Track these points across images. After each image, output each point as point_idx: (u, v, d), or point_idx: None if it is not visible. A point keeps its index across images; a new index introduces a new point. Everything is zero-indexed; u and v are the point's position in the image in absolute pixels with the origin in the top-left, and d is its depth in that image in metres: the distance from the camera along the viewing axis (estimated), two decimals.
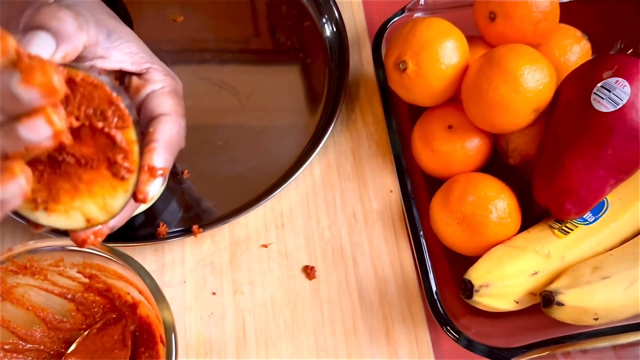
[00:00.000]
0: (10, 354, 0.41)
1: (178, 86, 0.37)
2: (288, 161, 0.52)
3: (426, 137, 0.48)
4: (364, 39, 0.59)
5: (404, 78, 0.46)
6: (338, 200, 0.51)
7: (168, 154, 0.32)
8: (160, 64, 0.37)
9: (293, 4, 0.60)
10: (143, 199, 0.30)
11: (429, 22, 0.46)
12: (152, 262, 0.48)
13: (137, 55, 0.35)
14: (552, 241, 0.42)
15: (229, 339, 0.45)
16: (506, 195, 0.44)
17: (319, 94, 0.56)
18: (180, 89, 0.37)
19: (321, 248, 0.49)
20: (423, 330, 0.45)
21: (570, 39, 0.49)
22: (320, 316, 0.46)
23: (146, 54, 0.36)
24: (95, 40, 0.32)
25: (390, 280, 0.47)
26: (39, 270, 0.39)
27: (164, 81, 0.35)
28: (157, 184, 0.30)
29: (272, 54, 0.59)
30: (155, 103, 0.34)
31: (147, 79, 0.35)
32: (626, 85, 0.39)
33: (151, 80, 0.35)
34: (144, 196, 0.30)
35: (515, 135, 0.46)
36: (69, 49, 0.30)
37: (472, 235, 0.43)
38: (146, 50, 0.36)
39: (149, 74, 0.35)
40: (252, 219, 0.50)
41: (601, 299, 0.39)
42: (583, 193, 0.41)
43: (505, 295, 0.41)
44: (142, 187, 0.30)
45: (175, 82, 0.37)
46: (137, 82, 0.35)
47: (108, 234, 0.32)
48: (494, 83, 0.42)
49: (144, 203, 0.30)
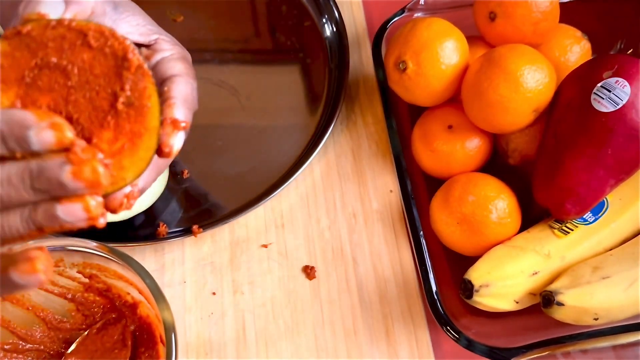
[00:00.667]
0: (10, 354, 0.41)
1: (187, 55, 0.37)
2: (288, 161, 0.52)
3: (426, 137, 0.48)
4: (364, 39, 0.59)
5: (404, 78, 0.46)
6: (338, 200, 0.51)
7: (187, 109, 0.32)
8: (168, 35, 0.37)
9: (293, 4, 0.60)
10: (169, 152, 0.29)
11: (429, 22, 0.46)
12: (152, 262, 0.48)
13: (144, 27, 0.35)
14: (552, 241, 0.42)
15: (229, 339, 0.45)
16: (506, 196, 0.44)
17: (319, 94, 0.56)
18: (189, 58, 0.37)
19: (321, 248, 0.49)
20: (423, 330, 0.45)
21: (570, 39, 0.49)
22: (320, 316, 0.46)
23: (153, 25, 0.36)
24: (102, 10, 0.32)
25: (390, 280, 0.47)
26: None
27: (172, 49, 0.36)
28: (180, 137, 0.30)
29: (272, 54, 0.59)
30: (166, 67, 0.34)
31: (155, 48, 0.35)
32: (626, 85, 0.39)
33: (160, 50, 0.35)
34: (170, 149, 0.29)
35: (515, 135, 0.46)
36: (78, 10, 0.30)
37: (472, 235, 0.43)
38: (152, 23, 0.36)
39: (158, 44, 0.35)
40: (252, 219, 0.50)
41: (601, 299, 0.39)
42: (583, 193, 0.41)
43: (505, 295, 0.41)
44: (166, 140, 0.29)
45: (183, 51, 0.37)
46: (146, 52, 0.35)
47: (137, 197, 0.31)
48: (494, 83, 0.42)
49: (169, 157, 0.29)
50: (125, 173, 0.28)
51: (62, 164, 0.25)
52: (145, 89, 0.28)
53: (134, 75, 0.27)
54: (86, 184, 0.26)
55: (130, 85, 0.27)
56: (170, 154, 0.29)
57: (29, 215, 0.26)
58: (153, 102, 0.28)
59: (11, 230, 0.26)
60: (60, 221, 0.26)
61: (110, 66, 0.28)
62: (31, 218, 0.26)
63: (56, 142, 0.25)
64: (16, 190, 0.26)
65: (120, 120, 0.27)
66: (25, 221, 0.26)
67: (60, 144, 0.25)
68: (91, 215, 0.26)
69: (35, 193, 0.26)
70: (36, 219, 0.26)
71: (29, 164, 0.26)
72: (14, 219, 0.26)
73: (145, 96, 0.27)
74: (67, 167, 0.25)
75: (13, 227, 0.26)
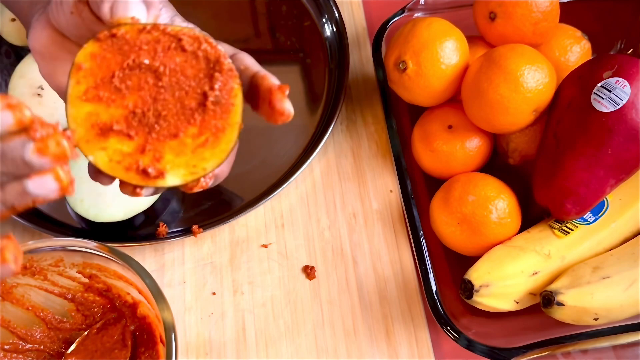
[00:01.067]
0: (10, 354, 0.41)
1: None
2: (288, 161, 0.52)
3: (426, 137, 0.48)
4: (364, 38, 0.59)
5: (404, 78, 0.46)
6: (338, 200, 0.51)
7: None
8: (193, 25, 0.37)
9: (293, 4, 0.60)
10: (287, 116, 0.30)
11: (429, 22, 0.46)
12: (152, 262, 0.48)
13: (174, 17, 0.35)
14: (552, 241, 0.42)
15: (228, 339, 0.45)
16: (506, 196, 0.44)
17: (319, 94, 0.56)
18: None
19: (321, 248, 0.49)
20: (423, 330, 0.45)
21: (571, 39, 0.49)
22: (320, 316, 0.46)
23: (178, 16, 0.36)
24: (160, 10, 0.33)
25: (390, 280, 0.47)
26: (39, 271, 0.39)
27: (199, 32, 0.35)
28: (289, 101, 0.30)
29: (272, 54, 0.59)
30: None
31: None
32: (626, 85, 0.39)
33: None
34: (288, 112, 0.30)
35: (516, 135, 0.46)
36: (155, 13, 0.31)
37: (472, 236, 0.43)
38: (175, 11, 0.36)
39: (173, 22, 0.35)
40: (252, 219, 0.50)
41: (601, 299, 0.39)
42: (583, 193, 0.41)
43: (506, 295, 0.41)
44: (281, 106, 0.30)
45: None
46: None
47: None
48: (494, 83, 0.42)
49: (285, 121, 0.30)
50: (206, 163, 0.29)
51: (24, 143, 0.25)
52: (233, 89, 0.30)
53: (224, 76, 0.30)
54: (52, 158, 0.26)
55: (220, 86, 0.30)
56: (289, 117, 0.30)
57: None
58: (238, 101, 0.30)
59: None
60: (32, 196, 0.26)
61: (201, 68, 0.30)
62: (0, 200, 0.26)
63: (15, 122, 0.25)
64: None
65: (207, 117, 0.29)
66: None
67: (20, 123, 0.25)
68: (62, 184, 0.26)
69: (1, 176, 0.26)
70: (6, 199, 0.26)
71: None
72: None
73: (233, 95, 0.30)
74: (30, 145, 0.25)
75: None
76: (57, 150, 0.26)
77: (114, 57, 0.29)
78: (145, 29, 0.29)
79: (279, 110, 0.30)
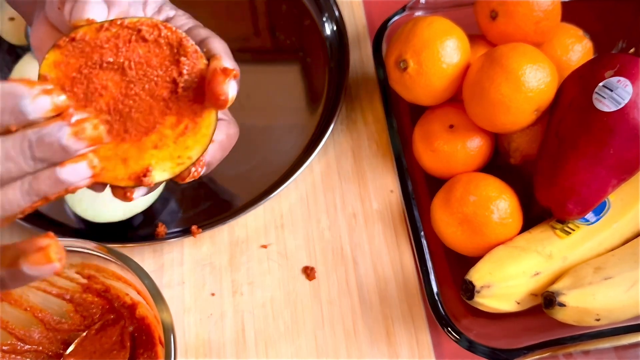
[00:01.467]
0: (9, 355, 0.41)
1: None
2: (288, 161, 0.52)
3: (427, 137, 0.47)
4: (365, 37, 0.58)
5: (405, 77, 0.46)
6: (338, 200, 0.51)
7: (232, 60, 0.32)
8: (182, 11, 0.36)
9: (293, 3, 0.60)
10: (225, 100, 0.28)
11: (430, 21, 0.46)
12: (151, 262, 0.48)
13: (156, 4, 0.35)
14: (553, 242, 0.42)
15: (228, 340, 0.45)
16: (508, 196, 0.43)
17: (319, 93, 0.56)
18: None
19: (321, 248, 0.49)
20: (424, 331, 0.45)
21: (572, 38, 0.49)
22: (320, 317, 0.46)
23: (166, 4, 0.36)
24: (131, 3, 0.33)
25: (391, 280, 0.47)
26: None
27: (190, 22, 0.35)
28: (233, 85, 0.29)
29: (272, 53, 0.58)
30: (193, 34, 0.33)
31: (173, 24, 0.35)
32: (628, 85, 0.39)
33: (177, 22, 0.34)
34: (225, 96, 0.28)
35: (517, 135, 0.46)
36: (119, 11, 0.30)
37: (474, 236, 0.43)
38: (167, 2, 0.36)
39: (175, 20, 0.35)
40: (251, 219, 0.50)
41: (603, 300, 0.39)
42: (585, 193, 0.41)
43: (507, 296, 0.41)
44: (220, 88, 0.28)
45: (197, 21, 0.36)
46: None
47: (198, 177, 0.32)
48: (496, 82, 0.42)
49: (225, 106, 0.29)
50: (191, 152, 0.29)
51: (60, 127, 0.25)
52: (202, 70, 0.29)
53: (190, 59, 0.29)
54: (89, 142, 0.26)
55: (188, 70, 0.29)
56: (226, 102, 0.29)
57: (30, 186, 0.26)
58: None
59: (12, 206, 0.26)
60: (66, 183, 0.26)
61: (166, 55, 0.29)
62: (33, 188, 0.26)
63: (52, 107, 0.25)
64: (16, 163, 0.25)
65: (181, 103, 0.29)
66: (26, 193, 0.26)
67: (56, 108, 0.25)
68: (95, 171, 0.27)
69: (35, 163, 0.25)
70: (39, 188, 0.26)
71: (26, 134, 0.25)
72: (13, 194, 0.26)
73: (202, 77, 0.29)
74: (66, 129, 0.25)
75: (13, 202, 0.26)
76: (94, 133, 0.26)
77: (77, 61, 0.28)
78: (104, 27, 0.29)
79: (216, 92, 0.28)
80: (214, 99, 0.28)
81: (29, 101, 0.25)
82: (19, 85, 0.25)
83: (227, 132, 0.34)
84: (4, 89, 0.25)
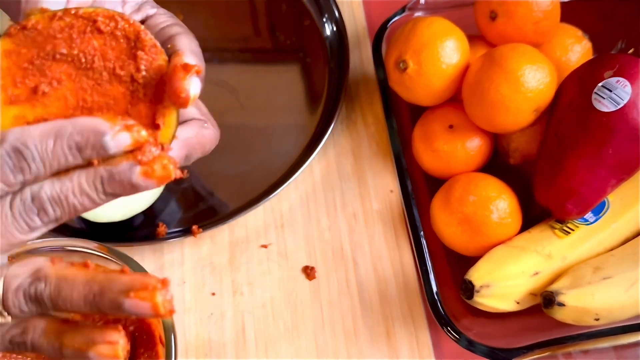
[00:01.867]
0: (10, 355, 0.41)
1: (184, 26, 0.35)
2: (288, 161, 0.52)
3: (427, 137, 0.47)
4: (364, 38, 0.58)
5: (405, 77, 0.46)
6: (338, 200, 0.51)
7: (196, 56, 0.31)
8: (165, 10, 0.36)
9: (293, 3, 0.60)
10: (185, 98, 0.27)
11: (430, 22, 0.46)
12: (151, 262, 0.48)
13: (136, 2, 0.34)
14: (553, 241, 0.42)
15: (228, 339, 0.45)
16: (507, 196, 0.44)
17: (319, 93, 0.56)
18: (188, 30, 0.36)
19: (321, 248, 0.49)
20: (424, 331, 0.45)
21: (571, 39, 0.49)
22: (320, 317, 0.46)
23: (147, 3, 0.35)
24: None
25: (391, 280, 0.47)
26: None
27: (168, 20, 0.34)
28: (195, 82, 0.28)
29: (272, 53, 0.58)
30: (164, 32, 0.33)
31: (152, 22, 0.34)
32: (627, 85, 0.39)
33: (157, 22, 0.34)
34: (185, 94, 0.27)
35: (516, 135, 0.46)
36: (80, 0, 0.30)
37: (473, 236, 0.43)
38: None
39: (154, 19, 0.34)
40: (251, 219, 0.50)
41: (602, 300, 0.39)
42: (584, 193, 0.41)
43: (506, 295, 0.41)
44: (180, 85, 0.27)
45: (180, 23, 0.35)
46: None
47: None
48: (495, 82, 0.42)
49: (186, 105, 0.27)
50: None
51: (131, 166, 0.25)
52: (161, 67, 0.28)
53: (148, 54, 0.28)
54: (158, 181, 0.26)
55: (146, 65, 0.28)
56: (187, 100, 0.27)
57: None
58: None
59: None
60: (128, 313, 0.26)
61: (123, 49, 0.28)
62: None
63: (132, 143, 0.25)
64: (88, 198, 0.26)
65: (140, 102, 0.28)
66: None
67: (136, 143, 0.25)
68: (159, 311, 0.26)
69: (107, 197, 0.26)
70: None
71: (98, 170, 0.25)
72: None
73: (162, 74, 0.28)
74: (137, 168, 0.25)
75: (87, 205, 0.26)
76: (163, 173, 0.26)
77: (29, 51, 0.27)
78: (57, 16, 0.27)
79: (176, 89, 0.27)
80: (174, 96, 0.27)
81: (110, 137, 0.25)
82: (97, 120, 0.25)
83: (197, 131, 0.34)
84: (85, 125, 0.25)
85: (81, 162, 0.25)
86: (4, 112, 0.27)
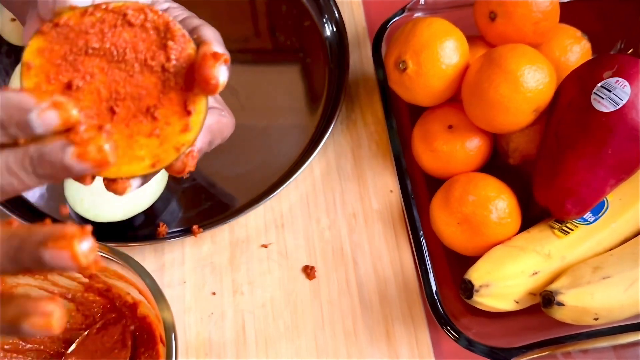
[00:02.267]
0: (11, 354, 0.41)
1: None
2: (288, 161, 0.52)
3: (426, 137, 0.48)
4: (364, 38, 0.59)
5: (404, 78, 0.46)
6: (338, 200, 0.51)
7: (223, 46, 0.31)
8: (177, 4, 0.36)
9: (293, 4, 0.60)
10: (215, 84, 0.27)
11: (429, 22, 0.46)
12: (152, 262, 0.48)
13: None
14: (552, 241, 0.42)
15: (228, 339, 0.45)
16: (506, 196, 0.44)
17: (319, 94, 0.56)
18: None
19: (321, 248, 0.49)
20: (423, 330, 0.45)
21: (571, 39, 0.49)
22: (320, 316, 0.46)
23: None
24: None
25: (391, 280, 0.47)
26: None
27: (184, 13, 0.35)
28: (224, 70, 0.28)
29: (272, 53, 0.59)
30: (185, 23, 0.33)
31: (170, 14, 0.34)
32: (626, 85, 0.39)
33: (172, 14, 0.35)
34: (216, 80, 0.27)
35: (516, 135, 0.46)
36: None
37: (473, 236, 0.43)
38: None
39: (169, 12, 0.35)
40: (252, 219, 0.50)
41: (601, 299, 0.39)
42: (583, 193, 0.41)
43: (506, 295, 0.41)
44: (210, 72, 0.27)
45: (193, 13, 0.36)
46: None
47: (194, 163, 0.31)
48: (495, 83, 0.42)
49: (214, 92, 0.28)
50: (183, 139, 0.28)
51: (63, 146, 0.24)
52: (190, 56, 0.28)
53: (178, 44, 0.28)
54: (93, 164, 0.24)
55: (176, 55, 0.28)
56: (216, 87, 0.27)
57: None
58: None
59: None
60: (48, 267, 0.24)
61: (153, 40, 0.28)
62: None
63: (61, 122, 0.24)
64: (17, 178, 0.24)
65: (171, 91, 0.28)
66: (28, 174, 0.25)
67: (66, 123, 0.24)
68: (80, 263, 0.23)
69: (39, 179, 0.24)
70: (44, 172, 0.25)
71: (28, 149, 0.24)
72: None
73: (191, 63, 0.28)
74: (69, 149, 0.24)
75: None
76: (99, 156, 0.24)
77: (62, 47, 0.27)
78: (88, 11, 0.28)
79: (206, 77, 0.27)
80: (204, 83, 0.27)
81: (35, 115, 0.23)
82: (25, 96, 0.24)
83: (217, 118, 0.34)
84: (10, 101, 0.23)
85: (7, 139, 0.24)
86: None
